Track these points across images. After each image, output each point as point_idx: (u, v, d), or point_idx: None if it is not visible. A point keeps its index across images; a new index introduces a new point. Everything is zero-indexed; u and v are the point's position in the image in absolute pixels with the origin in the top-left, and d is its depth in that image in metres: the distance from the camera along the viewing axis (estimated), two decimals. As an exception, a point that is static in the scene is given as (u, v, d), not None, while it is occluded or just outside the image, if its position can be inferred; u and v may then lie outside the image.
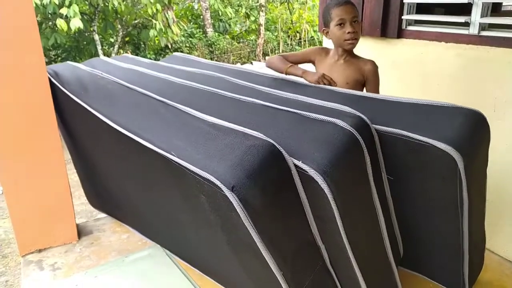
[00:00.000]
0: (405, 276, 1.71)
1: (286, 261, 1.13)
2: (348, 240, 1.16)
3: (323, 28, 1.93)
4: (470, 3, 1.87)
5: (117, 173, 1.79)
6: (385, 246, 1.38)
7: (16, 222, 1.92)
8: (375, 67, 1.87)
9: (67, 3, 7.00)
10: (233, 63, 11.08)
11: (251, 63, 10.46)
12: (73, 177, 2.32)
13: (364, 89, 1.90)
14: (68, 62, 2.11)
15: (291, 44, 12.99)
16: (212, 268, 1.67)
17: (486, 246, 1.87)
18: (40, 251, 1.99)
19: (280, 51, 12.54)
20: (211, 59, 11.33)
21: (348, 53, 1.90)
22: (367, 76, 1.85)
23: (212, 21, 12.19)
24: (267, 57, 2.30)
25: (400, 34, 2.22)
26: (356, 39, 1.85)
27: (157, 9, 8.12)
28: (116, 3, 7.73)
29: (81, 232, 2.14)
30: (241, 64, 10.20)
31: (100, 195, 2.19)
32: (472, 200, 1.33)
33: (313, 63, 2.01)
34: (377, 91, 1.86)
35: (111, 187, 1.98)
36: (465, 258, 1.51)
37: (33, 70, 1.75)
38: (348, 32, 1.81)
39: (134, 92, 1.53)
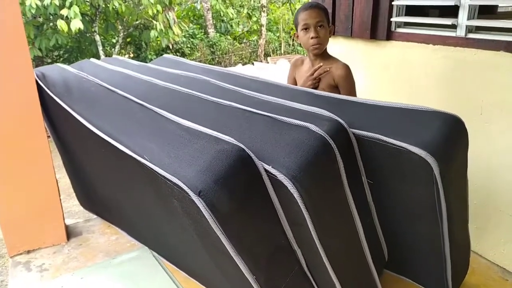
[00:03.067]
0: (390, 279, 1.71)
1: (259, 265, 1.13)
2: (321, 244, 1.15)
3: (295, 32, 1.94)
4: (457, 5, 1.86)
5: (102, 175, 1.80)
6: (363, 250, 1.37)
7: (4, 223, 1.94)
8: (346, 71, 1.84)
9: (67, 4, 7.04)
10: (234, 64, 11.10)
11: (253, 63, 10.46)
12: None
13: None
14: (57, 64, 2.13)
15: (292, 45, 12.99)
16: (196, 271, 1.68)
17: (473, 250, 1.87)
18: (28, 252, 2.01)
19: (282, 52, 12.54)
20: (213, 59, 11.36)
21: (321, 57, 1.89)
22: (338, 82, 1.83)
23: (214, 22, 12.22)
24: None
25: (389, 36, 2.21)
26: (321, 44, 1.84)
27: (157, 10, 8.15)
28: (117, 4, 7.78)
29: (70, 233, 2.15)
30: (243, 65, 10.20)
31: (89, 197, 2.21)
32: (451, 204, 1.33)
33: (296, 78, 2.03)
34: (351, 95, 1.82)
35: (99, 189, 1.99)
36: (447, 262, 1.50)
37: (20, 72, 1.76)
38: (312, 38, 1.81)
39: (115, 95, 1.53)
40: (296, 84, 2.00)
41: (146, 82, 1.72)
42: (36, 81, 1.81)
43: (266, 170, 1.08)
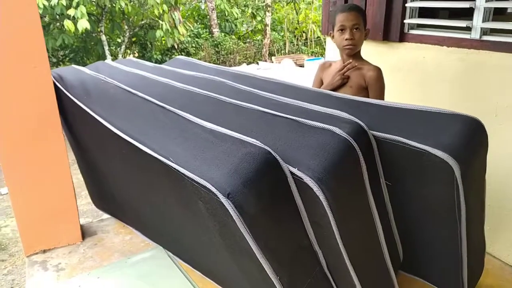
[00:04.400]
0: (405, 280, 1.72)
1: (283, 265, 1.14)
2: (344, 246, 1.17)
3: (330, 32, 1.98)
4: (472, 7, 1.87)
5: (119, 176, 1.82)
6: (382, 251, 1.39)
7: (21, 223, 1.96)
8: (378, 73, 1.88)
9: (74, 4, 7.07)
10: (239, 64, 11.10)
11: (257, 63, 10.47)
12: (80, 177, 2.35)
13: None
14: (73, 65, 2.14)
15: (297, 45, 12.99)
16: (212, 270, 1.69)
17: (487, 251, 1.87)
18: (44, 251, 2.02)
19: (286, 51, 12.54)
20: (217, 59, 11.36)
21: (353, 58, 1.93)
22: (369, 83, 1.87)
23: (219, 21, 12.23)
24: None
25: (402, 38, 2.22)
26: (355, 45, 1.88)
27: (163, 10, 8.17)
28: (123, 4, 7.81)
29: (85, 233, 2.17)
30: (247, 65, 10.21)
31: (104, 197, 2.22)
32: (470, 206, 1.34)
33: (323, 80, 2.06)
34: (380, 97, 1.87)
35: (114, 189, 2.00)
36: (464, 263, 1.51)
37: (38, 74, 1.78)
38: (346, 39, 1.86)
39: (135, 97, 1.55)
40: (321, 86, 2.03)
41: (163, 83, 1.74)
42: (54, 83, 1.83)
43: (291, 173, 1.09)
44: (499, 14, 3.15)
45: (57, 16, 7.68)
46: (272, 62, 10.68)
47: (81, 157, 2.16)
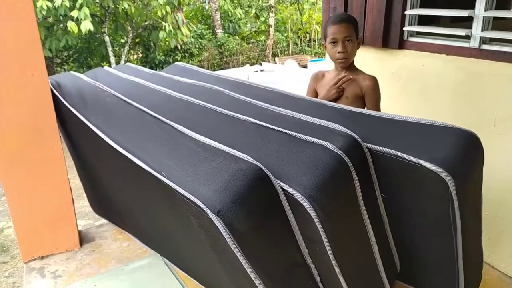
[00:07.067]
0: (402, 290, 1.71)
1: (274, 281, 1.14)
2: (336, 261, 1.16)
3: (323, 43, 1.97)
4: (471, 16, 1.85)
5: (116, 185, 1.82)
6: (377, 264, 1.38)
7: (19, 229, 1.96)
8: (374, 83, 1.86)
9: (78, 5, 7.09)
10: (242, 64, 11.10)
11: (260, 64, 10.46)
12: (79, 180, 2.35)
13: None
14: (71, 72, 2.15)
15: (300, 45, 12.96)
16: (208, 280, 1.69)
17: (485, 261, 1.86)
18: (42, 258, 2.03)
19: (290, 52, 12.52)
20: (220, 60, 11.36)
21: (348, 68, 1.91)
22: (366, 92, 1.86)
23: (222, 22, 12.22)
24: None
25: (402, 45, 2.21)
26: (347, 58, 1.86)
27: (166, 11, 8.19)
28: (126, 5, 7.83)
29: (83, 239, 2.18)
30: (250, 65, 10.21)
31: (102, 203, 2.23)
32: (466, 220, 1.32)
33: (317, 91, 2.05)
34: (376, 107, 1.86)
35: (112, 196, 2.01)
36: (460, 275, 1.50)
37: (35, 82, 1.78)
38: (338, 52, 1.84)
39: (131, 107, 1.55)
40: (316, 96, 2.01)
41: (160, 92, 1.74)
42: (51, 90, 1.83)
43: (282, 189, 1.09)
44: (502, 19, 3.12)
45: (61, 18, 7.71)
46: (276, 63, 10.68)
47: (79, 163, 2.16)
